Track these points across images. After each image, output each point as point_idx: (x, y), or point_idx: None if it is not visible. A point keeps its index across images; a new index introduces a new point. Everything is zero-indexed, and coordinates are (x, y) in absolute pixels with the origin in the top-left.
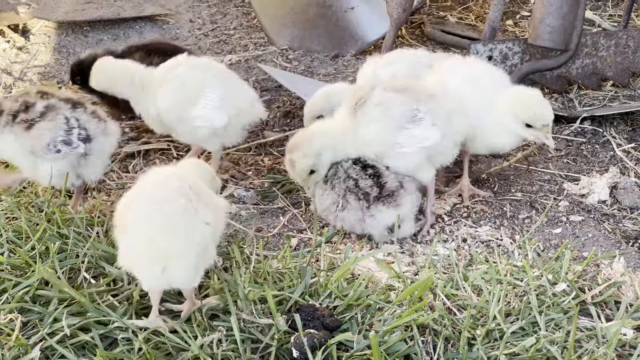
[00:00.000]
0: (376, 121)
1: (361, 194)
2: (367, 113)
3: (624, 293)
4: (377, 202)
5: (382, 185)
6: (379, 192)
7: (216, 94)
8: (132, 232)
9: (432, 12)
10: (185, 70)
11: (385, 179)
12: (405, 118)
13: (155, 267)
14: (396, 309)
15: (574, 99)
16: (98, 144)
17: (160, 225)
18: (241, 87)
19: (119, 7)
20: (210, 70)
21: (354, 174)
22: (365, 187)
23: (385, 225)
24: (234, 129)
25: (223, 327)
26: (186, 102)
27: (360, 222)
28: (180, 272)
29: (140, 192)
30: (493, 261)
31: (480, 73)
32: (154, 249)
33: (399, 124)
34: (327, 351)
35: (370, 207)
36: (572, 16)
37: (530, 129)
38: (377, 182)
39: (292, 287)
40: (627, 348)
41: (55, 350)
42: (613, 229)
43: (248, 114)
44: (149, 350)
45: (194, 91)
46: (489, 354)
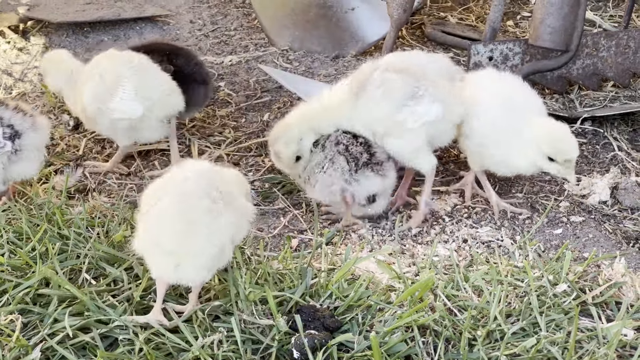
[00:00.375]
0: (378, 102)
1: (351, 158)
2: (369, 95)
3: (625, 294)
4: (365, 168)
5: (372, 154)
6: (368, 159)
7: (131, 86)
8: (155, 220)
9: (433, 12)
10: (106, 63)
11: (375, 149)
12: (406, 96)
13: (170, 261)
14: (397, 310)
15: (574, 99)
16: (28, 139)
17: (183, 221)
18: (158, 78)
19: (119, 8)
20: (129, 63)
21: (345, 140)
22: (355, 152)
23: (367, 194)
24: (149, 122)
25: (224, 328)
26: (105, 95)
27: (341, 187)
28: (193, 270)
29: (171, 183)
30: (494, 262)
31: (513, 95)
32: (172, 243)
33: (401, 102)
34: (327, 352)
35: (358, 172)
36: (572, 17)
37: (553, 163)
38: (367, 150)
39: (293, 288)
40: (627, 349)
41: (56, 351)
42: (614, 229)
43: (164, 105)
44: (149, 351)
45: (112, 84)
46: (489, 355)
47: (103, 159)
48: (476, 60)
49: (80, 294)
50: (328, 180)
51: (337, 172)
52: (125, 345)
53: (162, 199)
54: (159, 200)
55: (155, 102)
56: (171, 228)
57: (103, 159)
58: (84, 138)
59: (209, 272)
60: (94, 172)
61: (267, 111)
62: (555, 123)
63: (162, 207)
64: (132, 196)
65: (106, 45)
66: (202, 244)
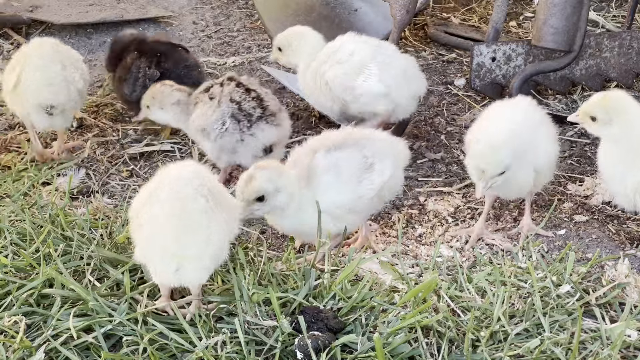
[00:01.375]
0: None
1: (243, 116)
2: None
3: (629, 294)
4: (259, 121)
5: (265, 107)
6: (262, 112)
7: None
8: (151, 228)
9: (436, 13)
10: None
11: (268, 102)
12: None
13: (171, 265)
14: (400, 311)
15: (577, 100)
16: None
17: (180, 225)
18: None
19: (122, 9)
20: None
21: (237, 96)
22: (248, 108)
23: (262, 146)
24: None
25: (227, 329)
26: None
27: (236, 145)
28: (193, 272)
29: (160, 188)
30: (497, 263)
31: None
32: (171, 247)
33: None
34: (331, 353)
35: (252, 127)
36: (575, 17)
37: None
38: (260, 104)
39: (296, 289)
40: (631, 350)
41: (60, 352)
42: (617, 230)
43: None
44: (153, 352)
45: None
46: (493, 356)
47: (107, 160)
48: (479, 61)
49: (85, 293)
50: (224, 144)
51: (231, 135)
52: (129, 346)
53: (154, 204)
54: (150, 205)
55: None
56: (168, 232)
57: (107, 159)
58: (88, 140)
59: (208, 271)
60: None
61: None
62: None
63: (156, 213)
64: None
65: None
66: (201, 245)
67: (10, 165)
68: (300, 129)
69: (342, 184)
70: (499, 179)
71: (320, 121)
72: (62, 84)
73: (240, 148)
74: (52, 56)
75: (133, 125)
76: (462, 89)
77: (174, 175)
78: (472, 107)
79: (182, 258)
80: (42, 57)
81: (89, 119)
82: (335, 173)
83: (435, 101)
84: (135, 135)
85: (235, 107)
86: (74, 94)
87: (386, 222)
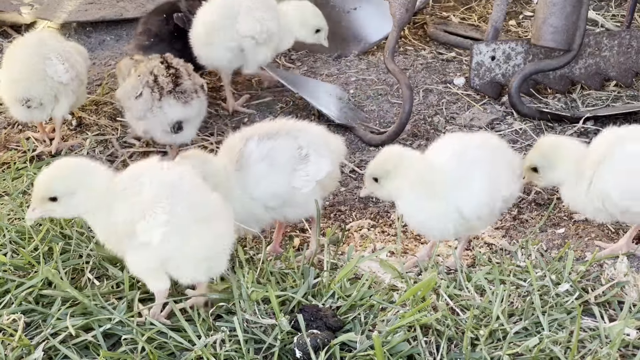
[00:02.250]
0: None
1: (157, 88)
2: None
3: (627, 293)
4: (169, 95)
5: (178, 84)
6: (172, 88)
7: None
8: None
9: (435, 12)
10: None
11: (183, 81)
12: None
13: (204, 265)
14: (399, 309)
15: (577, 99)
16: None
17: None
18: None
19: (121, 8)
20: None
21: (157, 70)
22: (162, 82)
23: (169, 120)
24: None
25: (226, 327)
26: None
27: (146, 113)
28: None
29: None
30: (496, 261)
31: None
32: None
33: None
34: (330, 351)
35: (162, 99)
36: (575, 16)
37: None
38: (175, 81)
39: (295, 287)
40: (630, 348)
41: (59, 351)
42: (616, 229)
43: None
44: (152, 350)
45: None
46: (492, 354)
47: (107, 159)
48: (478, 60)
49: (82, 296)
50: (134, 110)
51: (143, 102)
52: (127, 345)
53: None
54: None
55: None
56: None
57: (107, 158)
58: (87, 139)
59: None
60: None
61: (270, 111)
62: None
63: (170, 217)
64: None
65: (108, 45)
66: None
67: (10, 163)
68: None
69: (275, 174)
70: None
71: (319, 120)
72: (37, 78)
73: (149, 117)
74: (33, 49)
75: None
76: (462, 87)
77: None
78: (472, 106)
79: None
80: (23, 50)
81: (87, 118)
82: (268, 162)
83: (434, 100)
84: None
85: (152, 78)
86: (53, 87)
87: (385, 221)
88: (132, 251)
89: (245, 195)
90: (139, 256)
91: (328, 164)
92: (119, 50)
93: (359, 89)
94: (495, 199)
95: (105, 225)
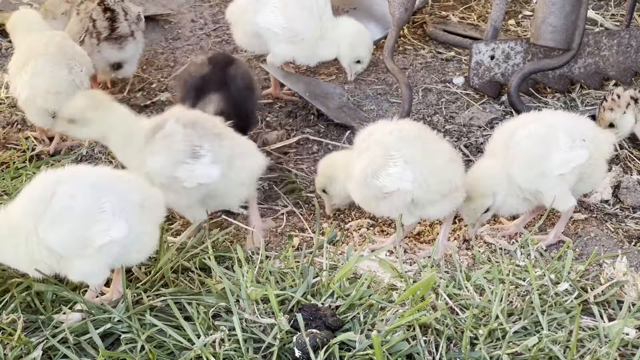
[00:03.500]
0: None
1: (95, 34)
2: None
3: (627, 292)
4: (105, 41)
5: (114, 29)
6: (109, 34)
7: None
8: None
9: (434, 11)
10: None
11: (119, 25)
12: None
13: None
14: (398, 309)
15: (576, 98)
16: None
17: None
18: None
19: None
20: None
21: (95, 14)
22: (100, 27)
23: (107, 61)
24: None
25: (225, 327)
26: None
27: (90, 55)
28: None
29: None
30: (495, 261)
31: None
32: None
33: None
34: (329, 351)
35: (100, 44)
36: (574, 16)
37: None
38: (111, 26)
39: (295, 286)
40: (629, 347)
41: (58, 350)
42: (616, 228)
43: None
44: (151, 349)
45: None
46: (491, 354)
47: (107, 159)
48: (478, 59)
49: (80, 297)
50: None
51: (88, 47)
52: (127, 344)
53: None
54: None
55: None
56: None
57: (107, 158)
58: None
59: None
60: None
61: (269, 110)
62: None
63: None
64: None
65: None
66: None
67: (9, 162)
68: (298, 126)
69: (170, 155)
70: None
71: (319, 119)
72: (68, 92)
73: (92, 58)
74: (58, 59)
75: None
76: (461, 87)
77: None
78: (471, 105)
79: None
80: (47, 58)
81: None
82: (168, 143)
83: (433, 99)
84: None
85: (91, 24)
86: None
87: (384, 220)
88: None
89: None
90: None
91: (218, 171)
92: None
93: (358, 88)
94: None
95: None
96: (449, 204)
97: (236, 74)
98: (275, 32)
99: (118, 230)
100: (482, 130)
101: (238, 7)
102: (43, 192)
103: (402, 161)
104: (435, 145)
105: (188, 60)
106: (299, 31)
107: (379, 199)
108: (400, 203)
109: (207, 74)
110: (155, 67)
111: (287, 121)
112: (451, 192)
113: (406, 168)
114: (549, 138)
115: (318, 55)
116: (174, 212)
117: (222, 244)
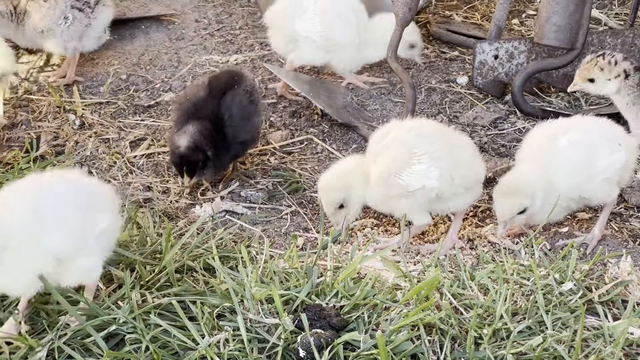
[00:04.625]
0: None
1: (82, 4)
2: None
3: (631, 292)
4: (98, 5)
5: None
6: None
7: None
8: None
9: (438, 11)
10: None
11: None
12: None
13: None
14: (403, 309)
15: (580, 97)
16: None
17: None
18: None
19: (124, 7)
20: None
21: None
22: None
23: (103, 26)
24: None
25: (230, 327)
26: None
27: (84, 31)
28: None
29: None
30: (499, 260)
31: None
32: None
33: None
34: (333, 351)
35: (94, 11)
36: (578, 15)
37: None
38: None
39: (299, 286)
40: (634, 347)
41: (63, 350)
42: (620, 227)
43: None
44: (155, 350)
45: None
46: (495, 354)
47: (110, 159)
48: (482, 59)
49: (82, 297)
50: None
51: (77, 24)
52: (131, 344)
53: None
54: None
55: None
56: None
57: (110, 158)
58: (90, 138)
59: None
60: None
61: (273, 110)
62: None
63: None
64: (137, 195)
65: (111, 44)
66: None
67: (13, 163)
68: (303, 126)
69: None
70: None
71: (322, 119)
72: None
73: (88, 32)
74: None
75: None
76: (465, 86)
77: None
78: (475, 105)
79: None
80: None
81: (90, 117)
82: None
83: (437, 99)
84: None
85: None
86: None
87: (389, 220)
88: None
89: None
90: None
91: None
92: (122, 50)
93: (361, 87)
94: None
95: None
96: (470, 197)
97: (233, 102)
98: (313, 39)
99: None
100: (486, 130)
101: (277, 11)
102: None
103: (427, 158)
104: (457, 139)
105: (191, 61)
106: (337, 39)
107: (401, 197)
108: (425, 200)
109: (200, 99)
110: (159, 68)
111: (291, 121)
112: (474, 184)
113: (432, 165)
114: (592, 144)
115: (364, 59)
116: (176, 211)
117: (227, 244)
